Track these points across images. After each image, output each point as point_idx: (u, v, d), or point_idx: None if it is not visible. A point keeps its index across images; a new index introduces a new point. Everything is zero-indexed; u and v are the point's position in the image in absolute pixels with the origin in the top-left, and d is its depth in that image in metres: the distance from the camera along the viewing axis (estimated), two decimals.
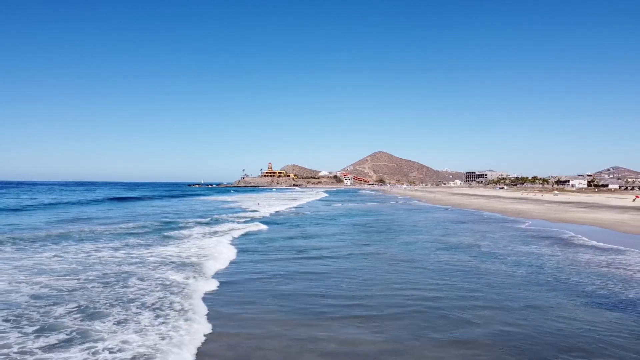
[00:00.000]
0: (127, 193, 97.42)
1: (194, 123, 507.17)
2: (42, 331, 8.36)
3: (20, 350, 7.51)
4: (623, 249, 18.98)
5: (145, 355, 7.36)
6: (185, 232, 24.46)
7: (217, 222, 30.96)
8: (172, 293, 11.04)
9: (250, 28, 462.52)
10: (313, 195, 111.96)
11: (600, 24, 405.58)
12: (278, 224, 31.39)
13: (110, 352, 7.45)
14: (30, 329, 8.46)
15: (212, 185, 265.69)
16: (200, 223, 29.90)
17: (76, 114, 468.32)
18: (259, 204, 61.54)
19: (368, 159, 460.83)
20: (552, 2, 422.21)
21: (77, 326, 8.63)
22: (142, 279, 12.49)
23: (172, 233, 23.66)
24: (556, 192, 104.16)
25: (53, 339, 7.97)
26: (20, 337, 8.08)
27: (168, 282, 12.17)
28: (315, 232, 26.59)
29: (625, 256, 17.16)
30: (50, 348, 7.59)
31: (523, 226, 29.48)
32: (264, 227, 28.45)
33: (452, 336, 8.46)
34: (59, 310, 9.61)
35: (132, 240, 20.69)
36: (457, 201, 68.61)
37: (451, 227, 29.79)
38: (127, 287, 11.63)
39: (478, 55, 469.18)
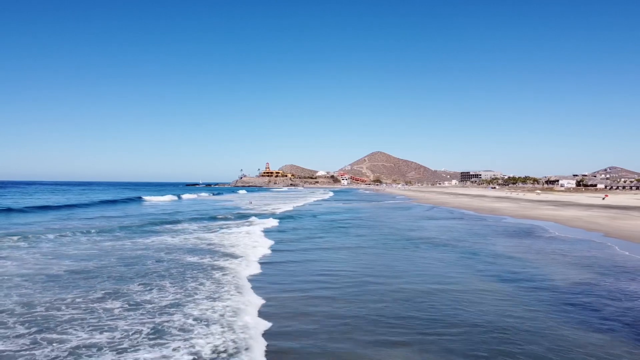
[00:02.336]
0: (128, 193, 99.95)
1: (192, 123, 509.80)
2: (87, 290, 11.37)
3: (76, 301, 10.50)
4: (561, 238, 22.38)
5: (177, 302, 10.33)
6: (185, 226, 27.47)
7: (215, 219, 34.15)
8: (191, 269, 14.10)
9: (249, 28, 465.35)
10: (308, 194, 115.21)
11: (597, 24, 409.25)
12: (275, 219, 34.33)
13: (148, 303, 10.39)
14: (76, 290, 11.41)
15: (211, 185, 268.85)
16: (198, 219, 32.85)
17: (76, 114, 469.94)
18: (251, 202, 64.73)
19: (366, 159, 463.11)
20: (548, 3, 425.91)
21: (115, 287, 11.69)
22: (159, 260, 15.53)
23: (175, 227, 26.69)
24: (539, 191, 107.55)
25: (99, 294, 11.05)
26: (74, 294, 11.05)
27: (183, 262, 15.20)
28: (290, 227, 29.19)
29: (557, 245, 20.31)
30: (98, 300, 10.59)
31: (487, 222, 32.74)
32: (262, 223, 30.57)
33: (339, 311, 10.13)
34: (96, 279, 12.62)
35: (140, 234, 23.61)
36: (443, 200, 72.02)
37: (420, 223, 32.52)
38: (146, 265, 14.75)
39: (478, 55, 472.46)
